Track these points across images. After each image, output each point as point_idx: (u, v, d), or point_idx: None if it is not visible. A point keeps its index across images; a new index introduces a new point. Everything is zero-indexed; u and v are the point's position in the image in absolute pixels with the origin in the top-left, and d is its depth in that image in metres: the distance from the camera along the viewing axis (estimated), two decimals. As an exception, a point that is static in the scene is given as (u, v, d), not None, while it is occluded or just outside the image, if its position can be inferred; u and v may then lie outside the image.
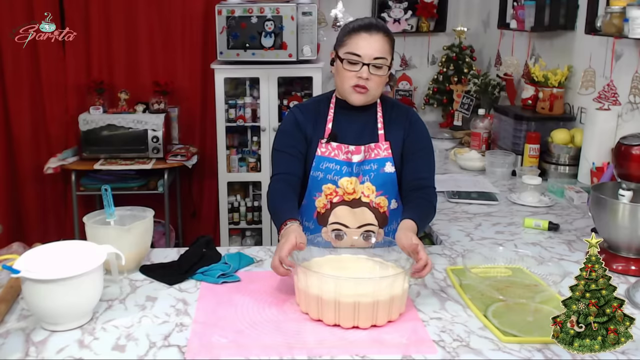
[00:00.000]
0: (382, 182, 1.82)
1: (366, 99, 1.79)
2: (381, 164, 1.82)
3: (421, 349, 1.27)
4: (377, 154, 1.83)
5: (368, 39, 1.73)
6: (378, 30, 1.75)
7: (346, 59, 1.75)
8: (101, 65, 3.83)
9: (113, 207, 1.68)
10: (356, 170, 1.81)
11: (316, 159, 1.82)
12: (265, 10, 3.46)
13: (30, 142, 3.84)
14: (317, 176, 1.83)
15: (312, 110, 1.88)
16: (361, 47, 1.73)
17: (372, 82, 1.76)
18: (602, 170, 2.29)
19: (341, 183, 1.81)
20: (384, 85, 1.81)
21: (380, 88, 1.80)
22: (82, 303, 1.35)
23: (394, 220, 1.83)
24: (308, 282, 1.37)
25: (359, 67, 1.74)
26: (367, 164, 1.82)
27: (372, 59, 1.73)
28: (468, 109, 3.46)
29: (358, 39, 1.74)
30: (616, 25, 2.20)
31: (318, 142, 1.83)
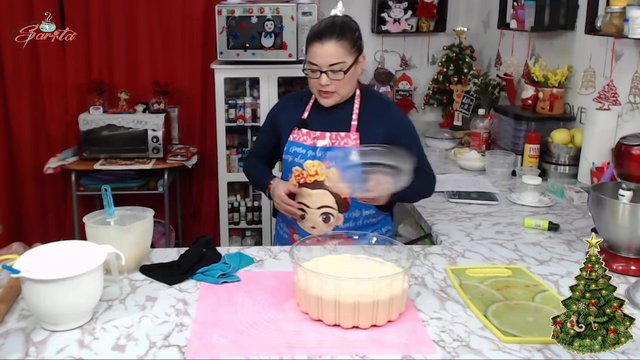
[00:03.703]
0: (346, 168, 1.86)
1: (334, 100, 1.90)
2: (322, 151, 1.92)
3: (421, 349, 1.27)
4: (346, 142, 1.91)
5: (321, 48, 1.84)
6: (330, 37, 1.84)
7: (307, 68, 1.88)
8: (101, 65, 3.83)
9: (113, 207, 1.68)
10: (320, 155, 1.91)
11: (287, 144, 1.97)
12: (265, 10, 3.46)
13: (30, 142, 3.84)
14: (287, 159, 1.97)
15: (296, 100, 2.04)
16: (316, 57, 1.85)
17: (334, 85, 1.86)
18: (602, 170, 2.29)
19: (305, 165, 1.92)
20: (351, 82, 1.90)
21: (347, 86, 1.89)
22: (82, 303, 1.35)
23: (356, 208, 1.92)
24: (308, 282, 1.37)
25: (318, 75, 1.85)
26: (334, 151, 1.91)
27: (327, 66, 1.83)
28: (468, 109, 3.46)
29: (313, 48, 1.86)
30: (616, 25, 2.20)
31: (292, 129, 1.97)
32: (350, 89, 1.92)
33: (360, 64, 1.92)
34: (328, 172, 1.89)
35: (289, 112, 2.02)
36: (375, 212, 1.98)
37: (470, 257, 1.79)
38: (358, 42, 1.91)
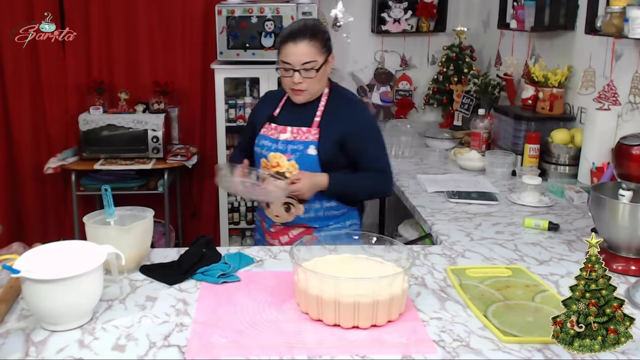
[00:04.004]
0: (304, 162, 2.02)
1: (306, 97, 2.03)
2: (306, 146, 2.03)
3: (421, 349, 1.27)
4: (306, 137, 2.03)
5: (294, 47, 1.96)
6: (303, 37, 1.96)
7: (281, 67, 2.00)
8: (101, 65, 3.83)
9: (113, 207, 1.68)
10: (282, 147, 2.05)
11: (258, 137, 2.12)
12: (265, 10, 3.46)
13: (30, 142, 3.84)
14: (256, 151, 2.12)
15: (273, 97, 2.19)
16: (289, 56, 1.97)
17: (306, 83, 1.99)
18: (602, 170, 2.29)
19: (269, 157, 2.07)
20: (322, 80, 2.03)
21: (318, 84, 2.02)
22: (82, 303, 1.35)
23: (316, 200, 2.06)
24: (308, 282, 1.37)
25: (291, 73, 1.98)
26: (294, 144, 2.04)
27: (300, 65, 1.96)
28: (468, 109, 3.46)
29: (286, 48, 1.97)
30: (616, 25, 2.20)
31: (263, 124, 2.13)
32: (320, 87, 2.05)
33: (329, 63, 2.04)
34: (289, 165, 2.03)
35: (266, 108, 2.17)
36: (337, 204, 2.10)
37: (470, 257, 1.79)
38: (328, 43, 2.03)
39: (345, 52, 4.06)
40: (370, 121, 2.14)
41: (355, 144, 2.03)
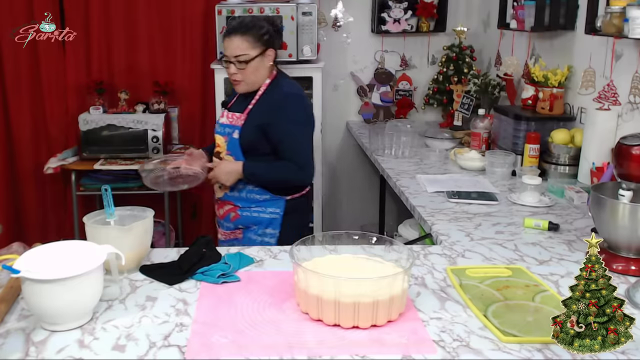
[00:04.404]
0: (231, 144, 2.28)
1: (244, 87, 2.27)
2: (233, 130, 2.27)
3: (421, 349, 1.27)
4: (235, 122, 2.27)
5: (228, 42, 2.20)
6: (235, 32, 2.19)
7: (222, 59, 2.26)
8: (101, 65, 3.83)
9: (113, 207, 1.68)
10: (220, 130, 2.33)
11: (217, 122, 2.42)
12: (265, 10, 3.45)
13: (30, 142, 3.84)
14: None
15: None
16: (225, 49, 2.22)
17: (241, 74, 2.22)
18: (602, 170, 2.29)
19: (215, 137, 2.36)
20: (257, 72, 2.23)
21: (254, 75, 2.23)
22: (82, 303, 1.35)
23: (240, 182, 2.29)
24: (308, 282, 1.37)
25: (228, 65, 2.22)
26: (228, 128, 2.30)
27: (233, 57, 2.19)
28: (468, 109, 3.46)
29: (225, 42, 2.23)
30: (616, 25, 2.20)
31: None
32: (257, 78, 2.24)
33: (267, 57, 2.23)
34: (224, 146, 2.31)
35: (231, 98, 2.45)
36: (260, 190, 2.28)
37: (470, 257, 1.79)
38: (264, 38, 2.21)
39: (345, 52, 4.06)
40: (295, 114, 2.23)
41: (276, 134, 2.19)
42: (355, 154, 4.20)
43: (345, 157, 4.25)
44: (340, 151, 4.24)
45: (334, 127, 4.14)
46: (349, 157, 4.24)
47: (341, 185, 4.29)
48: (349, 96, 4.13)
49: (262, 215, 2.31)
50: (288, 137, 2.20)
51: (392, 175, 2.78)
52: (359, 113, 4.12)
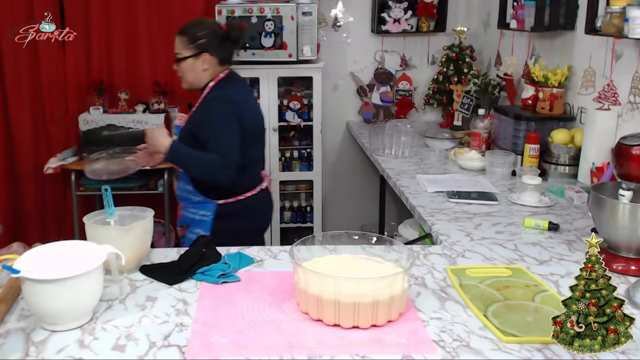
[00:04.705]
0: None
1: (185, 85, 2.38)
2: (176, 130, 2.41)
3: (421, 349, 1.27)
4: (180, 123, 2.40)
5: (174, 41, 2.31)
6: (178, 31, 2.31)
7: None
8: (101, 65, 3.83)
9: (113, 207, 1.68)
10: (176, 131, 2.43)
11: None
12: (265, 10, 3.46)
13: (30, 142, 3.84)
14: None
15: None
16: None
17: (180, 72, 2.34)
18: (602, 170, 2.29)
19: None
20: (193, 72, 2.31)
21: (191, 74, 2.32)
22: (82, 303, 1.35)
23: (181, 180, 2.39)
24: (308, 282, 1.37)
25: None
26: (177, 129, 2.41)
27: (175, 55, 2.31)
28: (468, 109, 3.46)
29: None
30: (616, 25, 2.20)
31: None
32: (193, 78, 2.33)
33: (202, 60, 2.28)
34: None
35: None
36: (194, 191, 2.33)
37: (470, 257, 1.79)
38: (199, 41, 2.27)
39: (345, 52, 4.06)
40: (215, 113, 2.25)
41: (202, 134, 2.24)
42: (355, 154, 4.20)
43: (345, 157, 4.25)
44: (340, 151, 4.24)
45: (334, 127, 4.14)
46: (349, 157, 4.24)
47: (341, 185, 4.29)
48: (349, 96, 4.14)
49: (195, 217, 2.35)
50: (210, 140, 2.21)
51: (392, 175, 2.78)
52: (359, 113, 4.12)
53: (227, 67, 2.38)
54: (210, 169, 2.19)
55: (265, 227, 2.56)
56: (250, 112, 2.35)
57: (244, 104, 2.31)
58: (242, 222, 2.33)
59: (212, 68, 2.31)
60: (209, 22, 2.37)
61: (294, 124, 3.76)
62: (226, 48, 2.34)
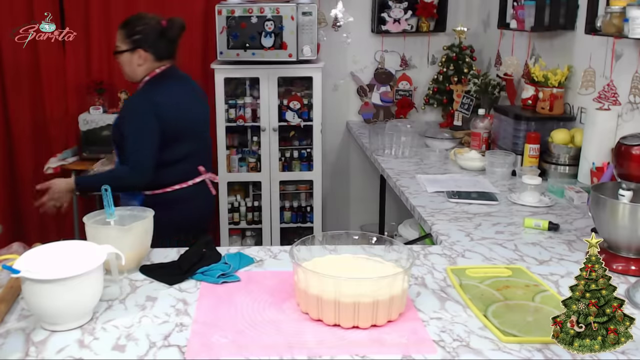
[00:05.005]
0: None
1: (126, 77, 2.42)
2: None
3: (421, 349, 1.27)
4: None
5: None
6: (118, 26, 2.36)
7: None
8: (101, 65, 3.83)
9: (113, 207, 1.68)
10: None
11: None
12: (265, 10, 3.46)
13: (30, 142, 3.84)
14: None
15: None
16: None
17: (120, 65, 2.38)
18: (602, 170, 2.29)
19: None
20: (129, 67, 2.35)
21: (128, 68, 2.36)
22: (82, 303, 1.35)
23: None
24: (308, 282, 1.37)
25: None
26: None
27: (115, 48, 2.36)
28: (468, 109, 3.46)
29: None
30: (616, 25, 2.20)
31: None
32: (130, 72, 2.37)
33: (138, 56, 2.32)
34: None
35: None
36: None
37: (470, 257, 1.79)
38: (135, 37, 2.31)
39: (345, 52, 4.06)
40: (129, 114, 2.30)
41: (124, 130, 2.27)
42: (355, 154, 4.20)
43: (345, 157, 4.25)
44: (340, 151, 4.24)
45: (334, 127, 4.14)
46: (349, 157, 4.24)
47: (341, 185, 4.29)
48: (349, 96, 4.14)
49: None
50: (127, 139, 2.26)
51: (392, 175, 2.78)
52: (359, 113, 4.12)
53: (166, 63, 2.39)
54: (122, 181, 2.25)
55: (203, 220, 2.54)
56: (174, 111, 2.32)
57: (166, 104, 2.30)
58: (174, 213, 2.32)
59: (147, 64, 2.34)
60: (148, 18, 2.40)
61: (294, 124, 3.76)
62: (163, 45, 2.36)
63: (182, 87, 2.42)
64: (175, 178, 2.36)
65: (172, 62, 2.42)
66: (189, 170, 2.41)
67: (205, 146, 2.52)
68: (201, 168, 2.46)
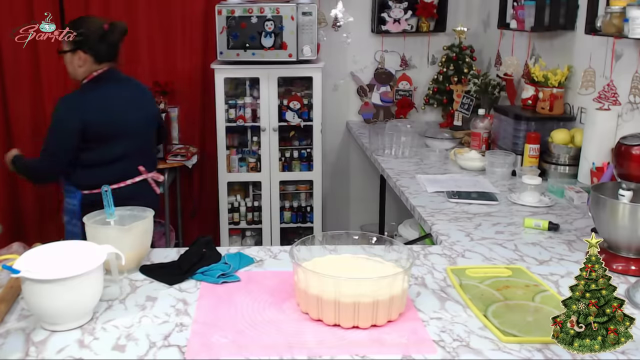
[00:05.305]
0: None
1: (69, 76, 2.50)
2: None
3: (421, 349, 1.27)
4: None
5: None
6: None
7: None
8: (101, 65, 3.83)
9: (113, 207, 1.68)
10: None
11: None
12: (265, 10, 3.46)
13: (30, 142, 3.83)
14: None
15: None
16: None
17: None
18: (602, 170, 2.29)
19: None
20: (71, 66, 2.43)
21: (69, 68, 2.44)
22: (82, 303, 1.35)
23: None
24: (308, 282, 1.37)
25: None
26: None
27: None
28: (468, 109, 3.46)
29: None
30: (616, 25, 2.20)
31: None
32: (72, 72, 2.45)
33: (78, 57, 2.39)
34: None
35: None
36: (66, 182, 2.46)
37: (470, 257, 1.79)
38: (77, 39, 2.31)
39: (345, 52, 4.06)
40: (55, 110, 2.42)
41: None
42: (355, 154, 4.20)
43: (345, 157, 4.25)
44: (340, 151, 4.24)
45: (334, 127, 4.14)
46: (349, 157, 4.24)
47: (341, 185, 4.29)
48: (349, 96, 4.14)
49: (68, 206, 2.48)
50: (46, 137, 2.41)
51: (392, 175, 2.78)
52: (359, 113, 4.12)
53: (105, 66, 2.45)
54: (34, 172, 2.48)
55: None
56: (104, 114, 2.39)
57: (95, 107, 2.38)
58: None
59: (87, 65, 2.41)
60: (91, 21, 2.45)
61: (294, 124, 3.76)
62: (104, 47, 2.41)
63: (118, 89, 2.48)
64: (113, 177, 2.40)
65: (112, 64, 2.48)
66: (127, 170, 2.48)
67: (145, 147, 2.58)
68: (141, 168, 2.51)
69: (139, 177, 2.50)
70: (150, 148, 2.65)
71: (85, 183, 2.40)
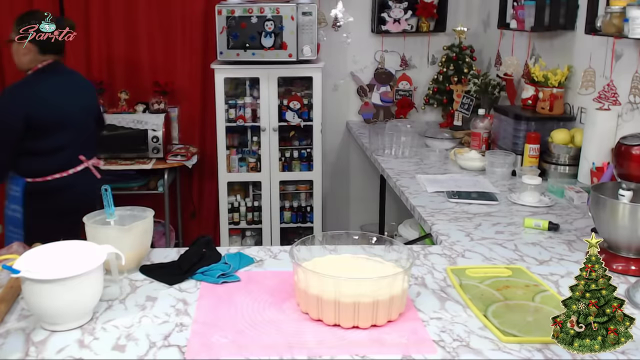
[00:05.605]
0: None
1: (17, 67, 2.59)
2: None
3: (421, 349, 1.27)
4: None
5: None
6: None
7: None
8: (101, 65, 3.83)
9: (113, 207, 1.68)
10: None
11: None
12: (265, 10, 3.46)
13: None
14: None
15: None
16: None
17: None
18: (602, 170, 2.29)
19: None
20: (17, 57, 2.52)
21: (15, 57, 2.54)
22: (82, 303, 1.35)
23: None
24: (308, 282, 1.37)
25: None
26: None
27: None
28: (468, 109, 3.46)
29: None
30: (616, 25, 2.20)
31: None
32: (17, 61, 2.54)
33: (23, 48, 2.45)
34: None
35: None
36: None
37: (470, 257, 1.79)
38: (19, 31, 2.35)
39: (345, 52, 4.06)
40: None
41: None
42: (355, 154, 4.20)
43: (345, 157, 4.25)
44: (340, 151, 4.24)
45: (334, 127, 4.14)
46: (349, 157, 4.24)
47: (341, 185, 4.29)
48: (349, 96, 4.14)
49: (10, 191, 2.52)
50: None
51: (392, 175, 2.78)
52: (359, 113, 4.12)
53: (50, 58, 2.52)
54: None
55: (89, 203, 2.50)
56: (45, 105, 2.46)
57: (36, 98, 2.45)
58: (57, 200, 2.49)
59: (31, 55, 2.49)
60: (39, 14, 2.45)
61: (294, 124, 3.76)
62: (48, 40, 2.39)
63: (60, 81, 2.56)
64: (55, 167, 2.49)
65: (57, 57, 2.56)
66: (69, 159, 2.54)
67: (87, 137, 2.65)
68: (82, 157, 2.58)
69: (80, 165, 2.57)
70: (91, 137, 2.71)
71: (29, 171, 2.47)
